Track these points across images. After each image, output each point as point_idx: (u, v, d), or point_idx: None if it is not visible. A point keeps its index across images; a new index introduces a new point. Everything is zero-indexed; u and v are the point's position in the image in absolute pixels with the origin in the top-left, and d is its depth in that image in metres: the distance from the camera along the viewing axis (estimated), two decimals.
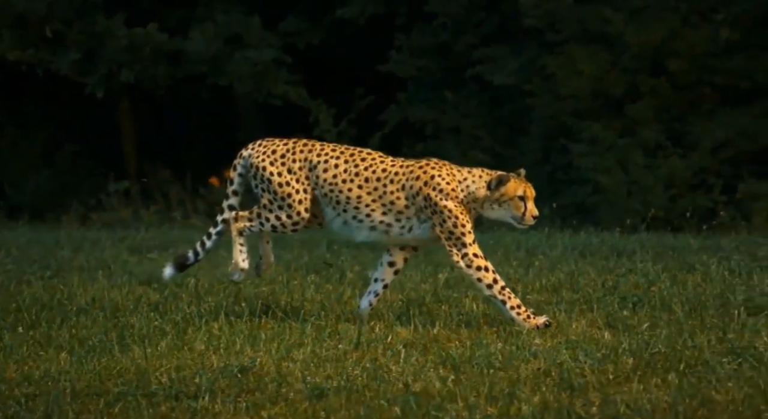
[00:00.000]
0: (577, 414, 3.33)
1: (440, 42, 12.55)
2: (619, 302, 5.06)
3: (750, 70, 10.97)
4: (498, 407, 3.40)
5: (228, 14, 13.25)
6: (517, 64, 11.82)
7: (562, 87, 11.31)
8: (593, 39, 11.37)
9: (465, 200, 4.56)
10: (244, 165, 4.78)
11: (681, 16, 11.02)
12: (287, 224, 4.65)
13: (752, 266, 5.81)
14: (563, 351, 4.13)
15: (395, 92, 12.86)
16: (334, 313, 4.90)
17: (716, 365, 3.89)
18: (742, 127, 10.86)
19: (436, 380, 3.70)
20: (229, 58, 13.10)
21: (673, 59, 10.96)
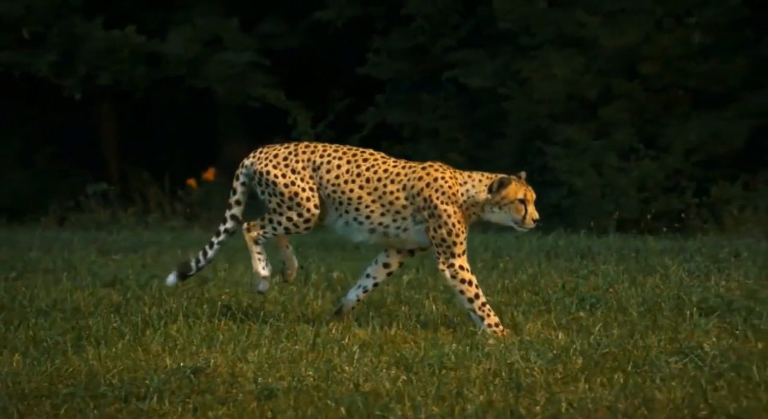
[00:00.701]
0: (520, 413, 3.38)
1: (417, 45, 12.62)
2: (578, 304, 5.13)
3: (722, 74, 11.09)
4: (443, 407, 3.44)
5: (206, 17, 13.28)
6: (493, 67, 11.90)
7: (536, 90, 11.40)
8: (568, 43, 11.46)
9: (465, 204, 4.57)
10: (247, 174, 4.79)
11: (654, 19, 11.13)
12: (299, 223, 4.66)
13: (711, 268, 5.89)
14: (515, 351, 4.18)
15: (373, 94, 12.93)
16: (294, 314, 4.94)
17: (662, 364, 3.96)
18: (715, 130, 10.97)
19: (387, 380, 3.75)
20: (207, 60, 13.13)
21: (646, 62, 11.06)
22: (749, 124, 10.97)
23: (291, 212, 4.64)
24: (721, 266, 6.02)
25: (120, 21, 13.01)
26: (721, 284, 5.41)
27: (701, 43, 10.97)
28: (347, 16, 12.98)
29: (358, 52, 12.95)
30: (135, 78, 13.11)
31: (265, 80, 13.30)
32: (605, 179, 10.89)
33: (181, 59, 13.03)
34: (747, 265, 6.03)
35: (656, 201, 10.79)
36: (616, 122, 11.15)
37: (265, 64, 13.28)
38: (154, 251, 7.09)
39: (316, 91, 13.09)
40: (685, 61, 11.05)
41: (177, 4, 13.58)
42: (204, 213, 12.42)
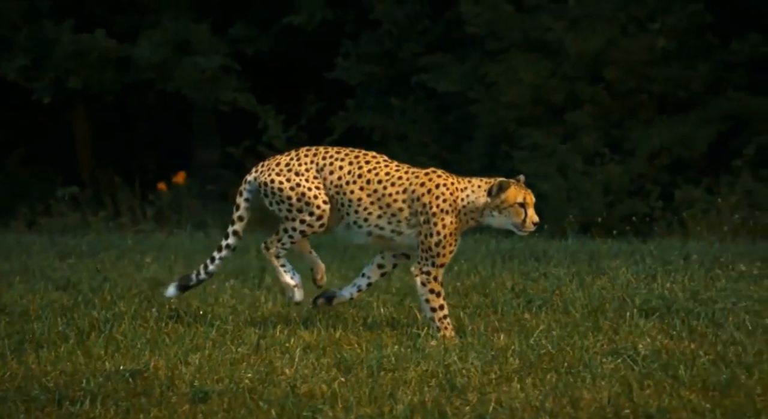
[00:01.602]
0: (447, 414, 3.45)
1: (385, 49, 12.70)
2: (524, 306, 5.21)
3: (686, 79, 11.23)
4: (373, 408, 3.50)
5: (176, 21, 13.31)
6: (461, 71, 12.00)
7: (503, 94, 11.50)
8: (534, 47, 11.57)
9: (464, 209, 4.58)
10: (251, 189, 4.80)
11: (619, 25, 11.26)
12: (313, 222, 4.67)
13: (659, 270, 5.98)
14: (454, 352, 4.25)
15: (344, 99, 13.00)
16: (243, 317, 4.99)
17: (596, 365, 4.04)
18: (679, 134, 11.11)
19: (324, 382, 3.81)
20: (177, 64, 13.15)
21: (611, 68, 11.18)
22: (712, 128, 11.11)
23: (302, 214, 4.66)
24: (669, 268, 6.12)
25: (90, 25, 13.01)
26: (665, 286, 5.50)
27: (665, 49, 11.11)
28: (318, 21, 13.04)
29: (328, 56, 13.01)
30: (104, 82, 13.12)
31: (236, 84, 13.34)
32: (571, 183, 11.00)
33: (151, 63, 13.05)
34: (694, 268, 6.13)
35: (621, 205, 10.91)
36: (581, 127, 11.27)
37: (235, 68, 13.31)
38: (113, 255, 7.11)
39: (287, 95, 13.14)
40: (649, 67, 11.19)
41: (147, 8, 13.59)
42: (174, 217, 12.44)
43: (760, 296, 5.15)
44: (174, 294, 4.79)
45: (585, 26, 11.28)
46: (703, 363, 3.98)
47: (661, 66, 11.20)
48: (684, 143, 11.12)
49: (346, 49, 12.89)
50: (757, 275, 5.84)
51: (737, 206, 10.41)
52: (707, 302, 5.06)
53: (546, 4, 11.55)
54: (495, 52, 11.73)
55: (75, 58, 12.88)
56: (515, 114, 11.55)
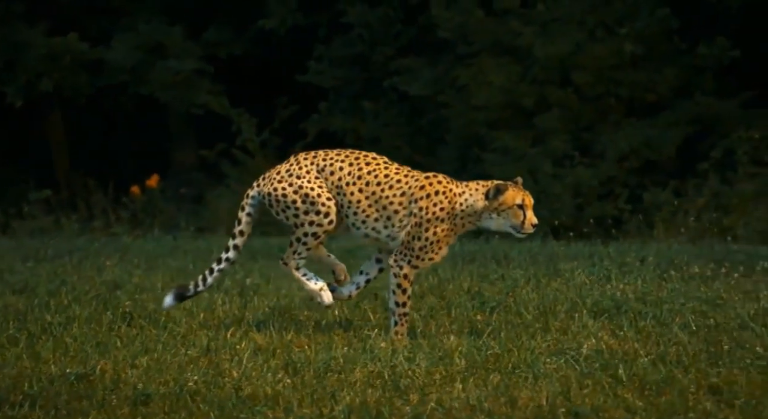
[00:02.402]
0: (383, 414, 3.50)
1: (358, 53, 12.77)
2: (478, 307, 5.26)
3: (654, 83, 11.35)
4: (313, 409, 3.55)
5: (150, 24, 13.33)
6: (432, 75, 12.08)
7: (473, 98, 11.59)
8: (504, 51, 11.67)
9: (462, 214, 4.57)
10: (253, 204, 4.80)
11: (587, 29, 11.37)
12: (322, 221, 4.64)
13: (614, 272, 6.06)
14: (402, 353, 4.30)
15: (318, 102, 13.04)
16: (197, 320, 5.02)
17: (539, 365, 4.10)
18: (647, 137, 11.22)
19: (268, 384, 3.84)
20: (151, 67, 13.16)
21: (579, 71, 11.29)
22: (680, 132, 11.24)
23: (309, 215, 4.65)
24: (625, 270, 6.20)
25: (63, 28, 13.01)
26: (618, 287, 5.58)
27: (633, 53, 11.23)
28: (290, 24, 13.09)
29: (301, 59, 13.06)
30: (78, 85, 13.12)
31: (210, 87, 13.36)
32: (540, 186, 11.09)
33: (124, 67, 13.06)
34: (649, 269, 6.22)
35: (590, 207, 11.01)
36: (551, 130, 11.37)
37: (209, 71, 13.34)
38: (76, 258, 7.13)
39: (261, 99, 13.17)
40: (617, 71, 11.30)
41: (121, 11, 13.60)
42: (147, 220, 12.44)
43: (708, 296, 5.23)
44: (171, 304, 4.80)
45: (554, 31, 11.39)
46: (642, 362, 4.05)
47: (629, 70, 11.32)
48: (652, 146, 11.24)
49: (318, 53, 12.95)
50: (709, 276, 5.93)
51: (704, 209, 10.53)
52: (656, 303, 5.14)
53: (516, 9, 11.65)
54: (466, 56, 11.81)
55: (47, 62, 12.87)
56: (485, 117, 11.63)
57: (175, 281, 6.13)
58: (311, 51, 12.94)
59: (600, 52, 11.24)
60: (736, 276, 5.85)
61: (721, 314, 4.87)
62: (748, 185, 10.58)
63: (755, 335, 4.46)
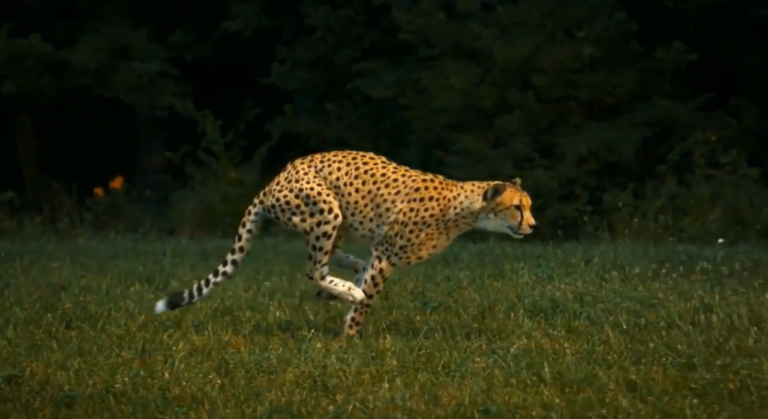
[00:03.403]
0: (303, 414, 3.55)
1: (321, 55, 12.82)
2: (420, 308, 5.33)
3: (612, 86, 11.49)
4: (235, 409, 3.59)
5: (115, 27, 13.31)
6: (394, 77, 12.15)
7: (434, 100, 11.68)
8: (464, 54, 11.77)
9: (457, 216, 4.55)
10: (255, 221, 4.77)
11: (546, 32, 11.49)
12: (328, 218, 4.60)
13: (557, 273, 6.15)
14: (334, 354, 4.35)
15: (283, 104, 13.08)
16: (138, 321, 5.04)
17: (468, 364, 4.17)
18: (606, 140, 11.36)
19: (196, 385, 3.88)
20: (115, 69, 13.15)
21: (538, 74, 11.41)
22: (638, 134, 11.38)
23: (315, 216, 4.62)
24: (568, 271, 6.29)
25: (28, 30, 12.96)
26: (559, 287, 5.67)
27: (591, 56, 11.36)
28: (254, 27, 13.12)
29: (266, 62, 13.10)
30: (41, 87, 13.08)
31: (175, 89, 13.36)
32: None
33: (89, 69, 13.03)
34: (592, 270, 6.31)
35: (551, 209, 11.11)
36: (511, 132, 11.48)
37: (174, 73, 13.34)
38: (27, 260, 7.11)
39: (226, 101, 13.19)
40: (576, 73, 11.43)
41: (86, 13, 13.57)
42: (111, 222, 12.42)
43: (644, 296, 5.32)
44: (162, 310, 4.80)
45: (514, 34, 11.50)
46: (568, 361, 4.12)
47: (588, 73, 11.45)
48: (611, 148, 11.37)
49: (282, 55, 13.00)
50: (649, 277, 6.03)
51: (662, 210, 10.67)
52: (592, 302, 5.23)
53: (476, 12, 11.76)
54: (427, 59, 11.90)
55: (10, 63, 12.82)
56: (446, 120, 11.72)
57: (123, 283, 6.15)
58: (275, 53, 12.99)
59: (559, 55, 11.36)
60: (674, 277, 5.95)
61: (653, 313, 4.96)
62: (704, 187, 10.74)
63: (683, 334, 4.55)
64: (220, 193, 12.29)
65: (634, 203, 10.84)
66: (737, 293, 5.33)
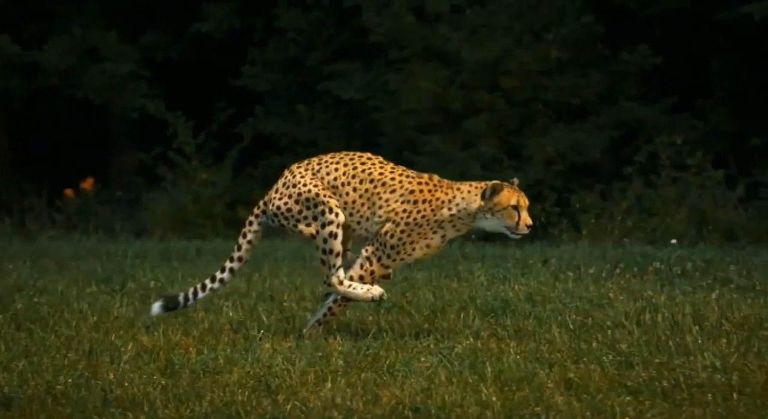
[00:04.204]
0: (241, 414, 3.57)
1: (291, 57, 12.85)
2: (374, 308, 5.36)
3: (579, 88, 11.58)
4: (173, 410, 3.61)
5: (85, 28, 13.28)
6: (365, 79, 12.20)
7: (403, 102, 11.73)
8: (433, 56, 11.83)
9: (452, 218, 4.55)
10: (257, 230, 4.75)
11: (514, 35, 11.57)
12: (331, 218, 4.58)
13: (513, 273, 6.21)
14: (281, 354, 4.38)
15: (254, 105, 13.09)
16: (89, 322, 5.05)
17: (413, 363, 4.21)
18: (574, 142, 11.45)
19: (139, 386, 3.89)
20: (85, 70, 13.12)
21: (506, 77, 11.48)
22: (605, 136, 11.48)
23: (318, 219, 4.60)
24: (525, 271, 6.35)
25: None
26: (513, 288, 5.72)
27: (558, 59, 11.45)
28: (226, 28, 13.13)
29: (237, 63, 13.10)
30: (10, 88, 13.02)
31: (146, 91, 13.34)
32: None
33: (59, 70, 13.00)
34: (549, 270, 6.38)
35: None
36: (479, 134, 11.55)
37: (144, 74, 13.32)
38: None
39: (198, 102, 13.18)
40: (543, 76, 11.52)
41: (56, 14, 13.53)
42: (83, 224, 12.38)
43: (594, 296, 5.39)
44: (157, 312, 4.80)
45: (482, 36, 11.57)
46: (510, 360, 4.17)
47: (555, 75, 11.54)
48: (578, 150, 11.46)
49: (252, 57, 13.02)
50: (603, 277, 6.10)
51: (628, 211, 10.77)
52: (543, 302, 5.29)
53: (446, 14, 11.82)
54: (397, 61, 11.95)
55: None
56: (416, 122, 11.78)
57: (79, 284, 6.15)
58: (246, 55, 13.00)
59: (527, 57, 11.45)
60: (627, 277, 6.02)
61: (601, 313, 5.02)
62: (670, 189, 10.85)
63: (627, 333, 4.62)
64: (192, 194, 12.29)
65: (601, 205, 10.93)
66: (685, 293, 5.40)
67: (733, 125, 11.48)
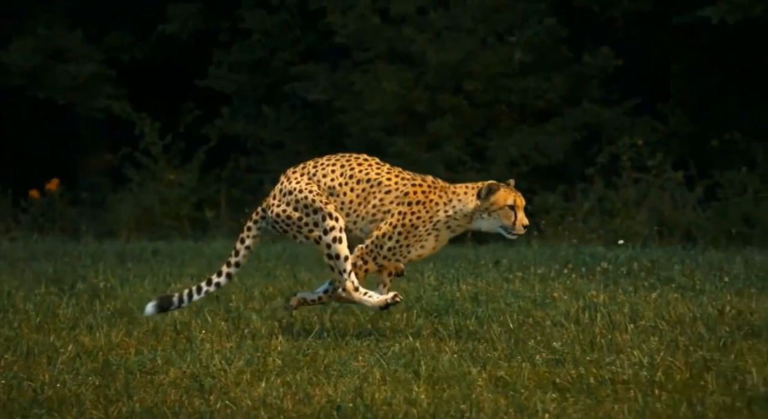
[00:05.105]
0: (167, 414, 3.58)
1: (257, 58, 12.85)
2: (319, 309, 5.39)
3: (542, 90, 11.68)
4: (100, 410, 3.62)
5: (50, 28, 13.22)
6: (330, 81, 12.23)
7: (368, 104, 11.77)
8: (398, 58, 11.88)
9: (448, 220, 4.56)
10: (255, 235, 4.72)
11: (478, 38, 11.65)
12: (333, 224, 4.57)
13: (463, 274, 6.25)
14: (219, 354, 4.40)
15: (221, 106, 13.08)
16: (33, 323, 5.03)
17: (350, 363, 4.24)
18: (537, 143, 11.54)
19: (66, 387, 3.89)
20: (50, 71, 13.05)
21: (470, 79, 11.56)
22: (568, 138, 11.58)
23: (319, 225, 4.58)
24: (475, 272, 6.40)
25: None
26: (461, 288, 5.77)
27: (522, 61, 11.53)
28: (191, 29, 13.11)
29: (203, 64, 13.09)
30: None
31: (112, 91, 13.30)
32: None
33: (23, 70, 12.93)
34: (499, 271, 6.43)
35: None
36: (444, 136, 11.61)
37: (111, 75, 13.28)
38: None
39: (164, 103, 13.15)
40: (507, 78, 11.60)
41: (20, 15, 13.45)
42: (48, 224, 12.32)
43: (538, 296, 5.45)
44: (151, 312, 4.78)
45: (446, 38, 11.64)
46: (446, 359, 4.22)
47: (519, 77, 11.62)
48: (541, 151, 11.56)
49: (218, 58, 13.01)
50: (551, 277, 6.16)
51: (590, 213, 10.86)
52: (486, 302, 5.34)
53: (411, 16, 11.88)
54: (362, 62, 11.99)
55: None
56: (381, 123, 11.82)
57: (29, 285, 6.12)
58: (212, 56, 12.99)
59: (491, 59, 11.52)
60: (574, 277, 6.09)
61: (543, 312, 5.08)
62: (631, 190, 10.96)
63: (565, 331, 4.68)
64: (159, 195, 12.26)
65: (563, 206, 11.02)
66: (626, 293, 5.47)
67: (692, 127, 11.62)
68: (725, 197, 10.62)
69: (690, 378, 3.72)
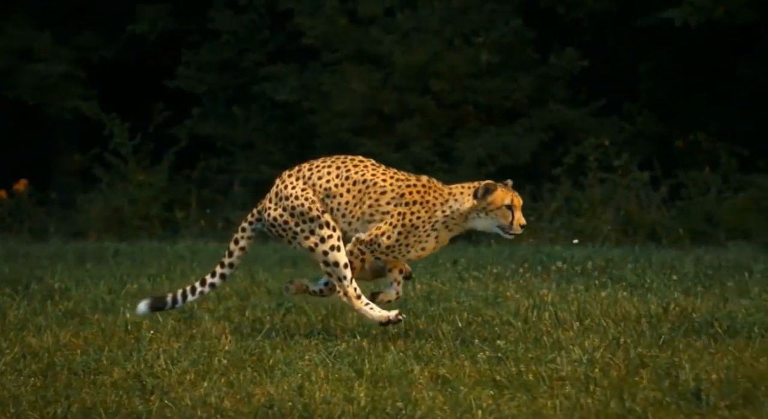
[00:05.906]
0: (101, 413, 3.58)
1: (226, 59, 12.85)
2: (274, 308, 5.40)
3: (509, 91, 11.75)
4: (41, 410, 3.62)
5: (19, 28, 13.15)
6: (299, 82, 12.24)
7: (336, 104, 11.80)
8: (366, 59, 11.91)
9: (446, 220, 4.53)
10: (249, 236, 4.68)
11: (445, 39, 11.70)
12: (330, 233, 4.54)
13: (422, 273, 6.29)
14: (165, 354, 4.40)
15: (191, 107, 13.06)
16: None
17: (295, 362, 4.26)
18: (504, 143, 11.61)
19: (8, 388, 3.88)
20: (19, 71, 12.99)
21: (437, 79, 11.61)
22: (535, 138, 11.66)
23: (316, 232, 4.55)
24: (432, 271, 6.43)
25: None
26: (415, 287, 5.80)
27: (488, 62, 11.60)
28: (160, 30, 13.09)
29: (172, 65, 13.06)
30: None
31: (81, 92, 13.25)
32: None
33: None
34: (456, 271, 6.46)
35: None
36: (412, 136, 11.65)
37: (80, 75, 13.22)
38: None
39: (134, 103, 13.11)
40: (473, 79, 11.67)
41: None
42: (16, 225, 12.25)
43: (490, 295, 5.49)
44: (143, 311, 4.75)
45: (413, 39, 11.68)
46: (391, 357, 4.24)
47: (485, 78, 11.69)
48: (509, 151, 11.63)
49: (187, 59, 12.99)
50: (506, 276, 6.21)
51: (557, 213, 10.93)
52: (438, 301, 5.37)
53: (378, 18, 11.92)
54: (330, 63, 12.02)
55: None
56: (349, 124, 11.85)
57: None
58: (181, 56, 12.97)
59: (457, 60, 11.58)
60: (528, 276, 6.14)
61: (493, 311, 5.12)
62: (597, 190, 11.04)
63: (512, 329, 4.71)
64: (128, 195, 12.22)
65: (531, 206, 11.08)
66: (577, 291, 5.53)
67: (658, 128, 11.73)
68: (689, 197, 10.73)
69: (626, 374, 3.77)
